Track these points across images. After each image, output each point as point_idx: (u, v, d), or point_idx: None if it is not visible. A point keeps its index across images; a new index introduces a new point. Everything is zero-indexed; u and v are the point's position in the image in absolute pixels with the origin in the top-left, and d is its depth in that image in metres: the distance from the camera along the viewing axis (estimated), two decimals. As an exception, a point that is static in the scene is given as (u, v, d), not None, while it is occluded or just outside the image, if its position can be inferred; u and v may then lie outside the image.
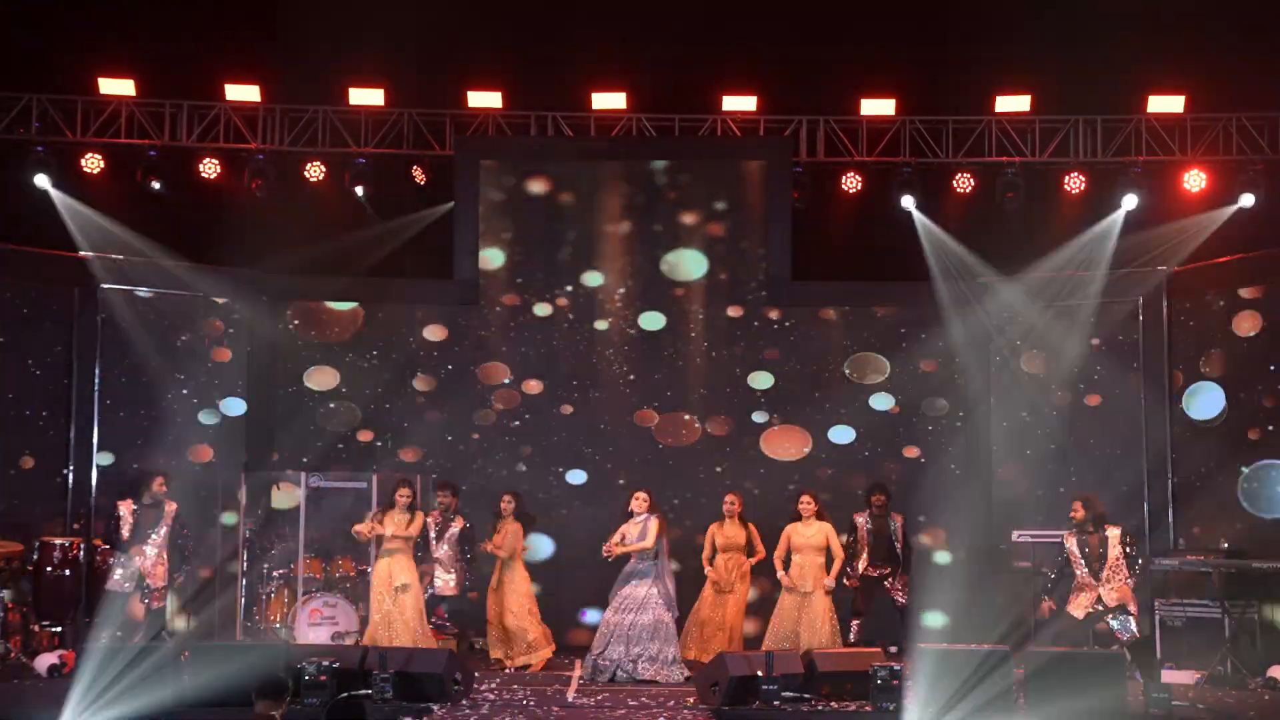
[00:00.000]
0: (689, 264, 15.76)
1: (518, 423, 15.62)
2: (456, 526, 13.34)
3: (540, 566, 14.99)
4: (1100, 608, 11.40)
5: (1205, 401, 14.63)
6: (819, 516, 12.96)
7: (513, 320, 15.72)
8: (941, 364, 15.61)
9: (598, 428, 15.62)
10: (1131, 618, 11.32)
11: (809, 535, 12.88)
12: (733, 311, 15.75)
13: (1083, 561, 11.52)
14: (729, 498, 13.45)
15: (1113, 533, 11.58)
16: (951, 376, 15.60)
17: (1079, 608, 11.53)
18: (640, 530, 12.46)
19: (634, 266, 15.76)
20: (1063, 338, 15.34)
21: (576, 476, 15.55)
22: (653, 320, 15.73)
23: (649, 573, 12.46)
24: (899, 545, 13.22)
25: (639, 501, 12.64)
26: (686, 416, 15.68)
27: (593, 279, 15.76)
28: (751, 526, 13.39)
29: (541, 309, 15.72)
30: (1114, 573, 11.39)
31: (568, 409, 15.64)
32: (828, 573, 12.80)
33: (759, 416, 15.63)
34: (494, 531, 13.21)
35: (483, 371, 15.68)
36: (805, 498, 13.05)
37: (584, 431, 15.61)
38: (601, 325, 15.72)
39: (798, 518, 13.01)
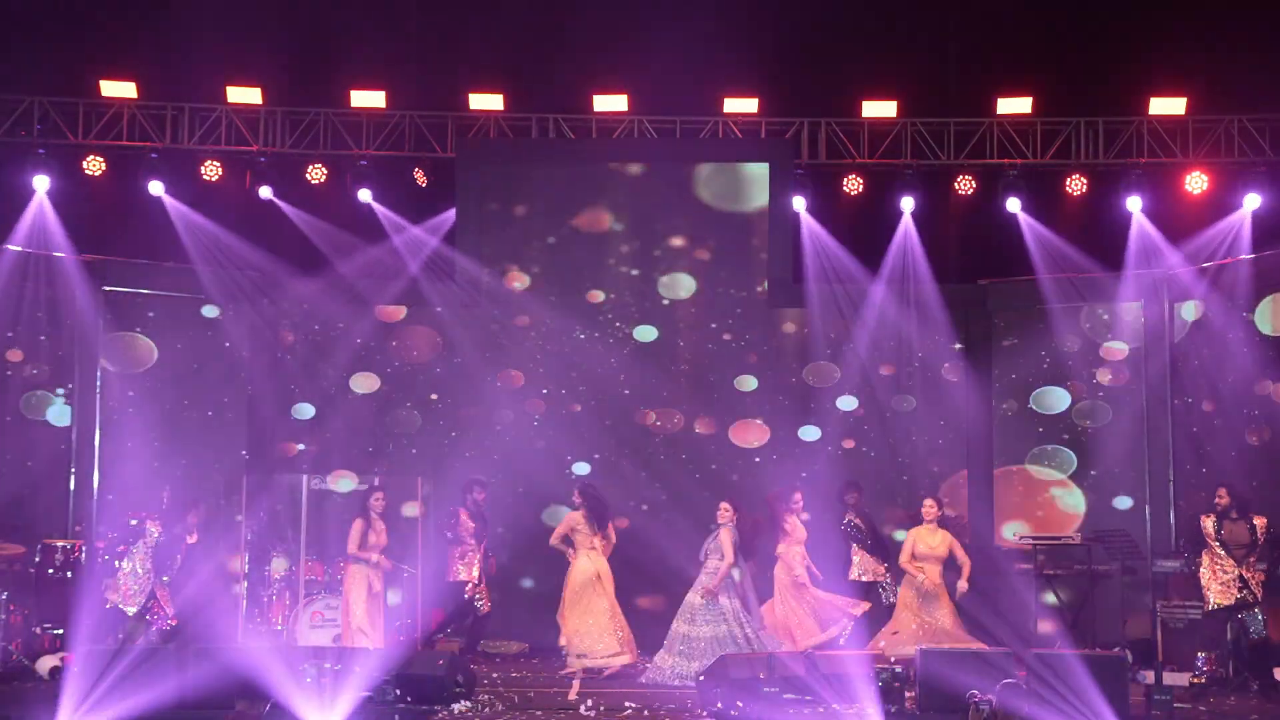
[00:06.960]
0: (686, 271, 15.77)
1: (537, 422, 15.56)
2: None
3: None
4: (1245, 593, 10.92)
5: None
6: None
7: (513, 322, 15.71)
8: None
9: (603, 425, 15.55)
10: (1259, 616, 10.93)
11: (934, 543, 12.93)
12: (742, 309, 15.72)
13: (1220, 546, 11.05)
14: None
15: (1259, 521, 11.09)
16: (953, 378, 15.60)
17: (1226, 595, 11.06)
18: None
19: (634, 272, 15.76)
20: (1066, 338, 15.37)
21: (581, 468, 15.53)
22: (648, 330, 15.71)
23: None
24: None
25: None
26: (677, 416, 15.71)
27: (593, 285, 15.77)
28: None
29: (541, 310, 15.71)
30: (1258, 560, 10.97)
31: (576, 407, 15.60)
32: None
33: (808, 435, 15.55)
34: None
35: (484, 372, 15.67)
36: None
37: (589, 429, 15.54)
38: (596, 333, 15.68)
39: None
